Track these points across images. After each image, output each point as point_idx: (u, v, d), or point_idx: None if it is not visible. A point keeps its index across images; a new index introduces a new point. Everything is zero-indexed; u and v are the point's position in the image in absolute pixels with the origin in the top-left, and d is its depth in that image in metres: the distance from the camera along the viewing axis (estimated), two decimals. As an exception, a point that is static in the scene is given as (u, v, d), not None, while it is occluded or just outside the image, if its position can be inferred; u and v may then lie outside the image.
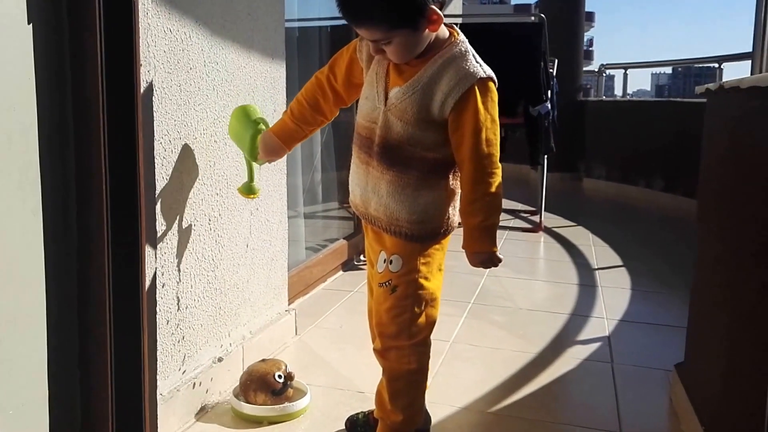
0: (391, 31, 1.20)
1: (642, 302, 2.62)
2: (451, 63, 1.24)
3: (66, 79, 1.15)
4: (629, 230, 4.15)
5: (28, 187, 1.10)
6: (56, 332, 1.17)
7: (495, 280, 2.84)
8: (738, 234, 1.33)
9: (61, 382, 1.20)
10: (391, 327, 1.34)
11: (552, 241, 3.71)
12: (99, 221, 1.18)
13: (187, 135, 1.49)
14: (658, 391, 1.81)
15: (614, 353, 2.06)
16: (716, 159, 1.56)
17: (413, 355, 1.35)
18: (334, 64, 1.41)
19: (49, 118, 1.12)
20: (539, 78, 3.81)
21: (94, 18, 1.13)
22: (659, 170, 5.06)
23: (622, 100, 6.60)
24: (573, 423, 1.63)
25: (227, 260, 1.71)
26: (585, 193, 5.83)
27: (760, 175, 1.20)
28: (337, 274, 2.83)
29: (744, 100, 1.34)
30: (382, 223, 1.33)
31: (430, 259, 1.34)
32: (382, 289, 1.34)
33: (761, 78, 1.24)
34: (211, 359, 1.66)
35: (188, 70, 1.49)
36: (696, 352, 1.65)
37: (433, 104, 1.25)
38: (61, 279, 1.18)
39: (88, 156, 1.16)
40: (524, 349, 2.06)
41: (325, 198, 3.03)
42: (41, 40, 1.09)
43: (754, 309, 1.19)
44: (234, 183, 1.68)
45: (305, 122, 1.45)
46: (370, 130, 1.32)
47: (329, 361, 1.94)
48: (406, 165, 1.28)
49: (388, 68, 1.30)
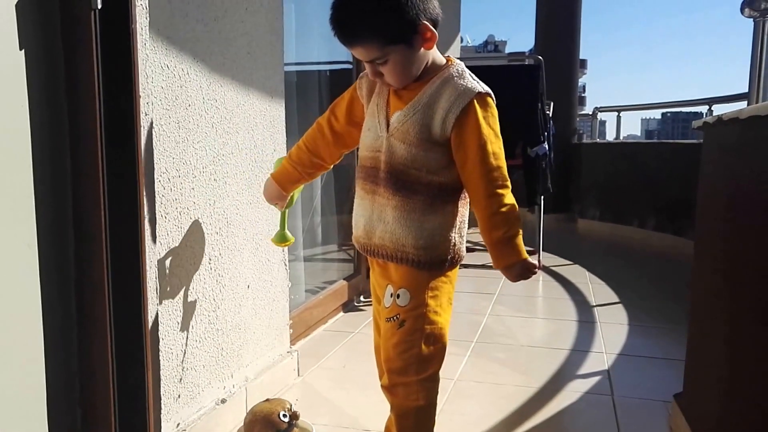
0: (386, 47, 1.22)
1: (640, 337, 2.63)
2: (449, 81, 1.27)
3: (62, 106, 1.14)
4: (624, 268, 4.20)
5: (23, 220, 1.08)
6: (57, 374, 1.16)
7: (497, 318, 2.86)
8: (734, 264, 1.33)
9: (63, 423, 1.18)
10: (398, 362, 1.31)
11: (550, 280, 3.73)
12: (98, 256, 1.17)
13: (186, 173, 1.50)
14: (659, 422, 1.81)
15: (614, 386, 2.07)
16: (713, 190, 1.57)
17: (421, 392, 1.32)
18: (335, 107, 1.45)
19: (44, 147, 1.11)
20: (537, 119, 3.87)
21: (90, 43, 1.12)
22: (651, 210, 5.15)
23: (615, 142, 6.73)
24: (577, 454, 1.64)
25: (228, 300, 1.72)
26: (580, 233, 5.90)
27: (758, 204, 1.20)
28: (337, 316, 2.84)
29: (743, 130, 1.33)
30: (388, 251, 1.32)
31: (438, 293, 1.32)
32: (390, 324, 1.32)
33: (760, 108, 1.23)
34: (214, 401, 1.66)
35: (187, 107, 1.49)
36: (694, 381, 1.66)
37: (434, 123, 1.26)
38: (61, 314, 1.17)
39: (86, 190, 1.16)
40: (527, 384, 2.06)
41: (324, 240, 3.05)
42: (34, 67, 1.08)
43: (751, 338, 1.19)
44: (234, 222, 1.71)
45: (302, 165, 1.48)
46: (375, 159, 1.32)
47: (333, 401, 1.94)
48: (412, 190, 1.28)
49: (388, 98, 1.33)
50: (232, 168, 1.71)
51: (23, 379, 1.11)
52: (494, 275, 3.71)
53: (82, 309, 1.21)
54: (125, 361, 1.23)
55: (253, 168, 1.82)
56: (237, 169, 1.73)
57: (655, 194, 5.04)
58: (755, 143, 1.25)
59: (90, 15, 1.13)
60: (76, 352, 1.21)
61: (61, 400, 1.17)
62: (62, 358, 1.19)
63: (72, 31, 1.13)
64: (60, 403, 1.17)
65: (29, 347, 1.12)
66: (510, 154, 3.80)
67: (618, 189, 5.64)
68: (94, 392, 1.21)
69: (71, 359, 1.21)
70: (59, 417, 1.17)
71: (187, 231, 1.53)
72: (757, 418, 1.10)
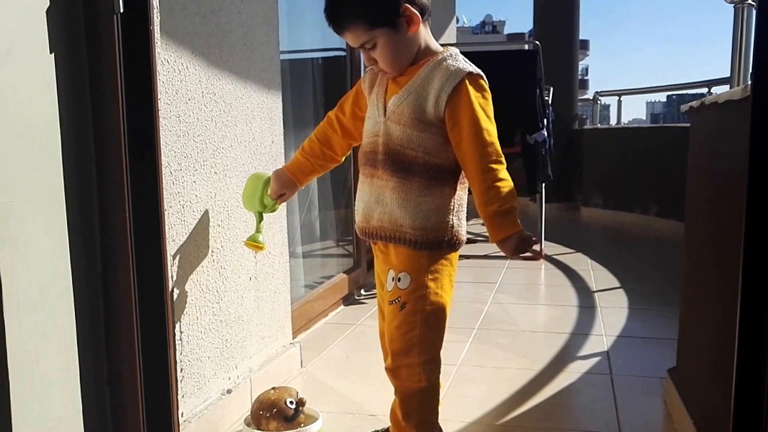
0: (372, 30, 1.28)
1: (638, 319, 2.67)
2: (441, 63, 1.31)
3: (87, 105, 1.20)
4: (626, 254, 4.22)
5: (54, 212, 1.14)
6: (86, 349, 1.22)
7: (498, 306, 2.89)
8: (719, 242, 1.37)
9: (92, 397, 1.25)
10: (400, 343, 1.35)
11: (552, 268, 3.76)
12: (123, 240, 1.24)
13: (187, 167, 1.53)
14: (654, 396, 1.86)
15: (613, 365, 2.11)
16: (700, 174, 1.61)
17: (424, 374, 1.35)
18: (342, 102, 1.51)
19: (71, 144, 1.17)
20: (535, 105, 3.84)
21: (113, 45, 1.18)
22: (653, 196, 5.15)
23: (617, 128, 6.71)
24: (577, 429, 1.68)
25: (231, 292, 1.75)
26: (583, 221, 5.91)
27: (737, 185, 1.22)
28: (338, 309, 2.87)
29: (721, 114, 1.39)
30: (386, 232, 1.35)
31: (438, 275, 1.35)
32: (392, 306, 1.36)
33: (734, 92, 1.28)
34: (220, 391, 1.69)
35: (187, 100, 1.52)
36: (686, 356, 1.70)
37: (427, 103, 1.30)
38: (90, 298, 1.24)
39: (111, 185, 1.22)
40: (528, 367, 2.10)
41: (323, 235, 3.07)
42: (62, 69, 1.14)
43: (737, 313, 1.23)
44: (234, 215, 1.74)
45: (314, 156, 1.53)
46: (374, 143, 1.37)
47: (337, 389, 1.97)
48: (410, 171, 1.32)
49: (387, 87, 1.38)
50: (232, 160, 1.74)
51: (61, 351, 1.18)
52: (495, 265, 3.74)
53: (108, 294, 1.28)
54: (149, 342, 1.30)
55: (252, 160, 1.85)
56: (236, 161, 1.77)
57: (657, 179, 5.03)
58: (731, 126, 1.30)
59: (113, 18, 1.19)
60: (103, 331, 1.28)
61: (92, 377, 1.25)
62: (91, 336, 1.25)
63: (96, 34, 1.19)
64: (91, 378, 1.24)
65: (65, 329, 1.20)
66: (509, 141, 3.85)
67: (620, 175, 5.62)
68: (121, 372, 1.28)
69: (99, 336, 1.28)
70: (91, 391, 1.24)
71: (191, 224, 1.56)
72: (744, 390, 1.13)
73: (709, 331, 1.45)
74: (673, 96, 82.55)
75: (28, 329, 1.09)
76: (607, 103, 7.29)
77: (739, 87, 1.22)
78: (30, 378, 1.09)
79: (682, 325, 1.75)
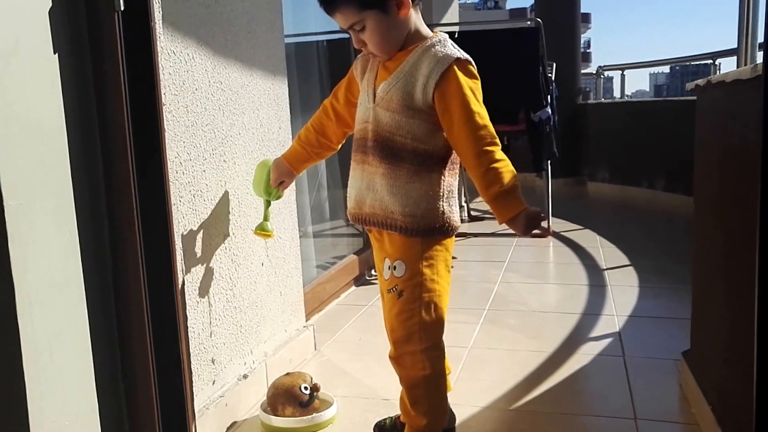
0: (362, 12, 1.28)
1: (650, 298, 2.66)
2: (430, 49, 1.31)
3: (91, 104, 1.21)
4: (634, 230, 4.20)
5: (64, 211, 1.15)
6: (100, 346, 1.23)
7: (508, 286, 2.89)
8: (731, 222, 1.37)
9: (107, 393, 1.26)
10: (401, 331, 1.36)
11: (561, 245, 3.75)
12: (132, 237, 1.24)
13: (196, 156, 1.53)
14: (669, 379, 1.86)
15: (625, 347, 2.11)
16: (708, 153, 1.61)
17: (426, 360, 1.36)
18: (336, 90, 1.51)
19: (78, 142, 1.17)
20: (539, 83, 3.81)
21: (114, 43, 1.18)
22: (660, 170, 5.12)
23: (621, 102, 6.65)
24: (591, 413, 1.68)
25: (244, 278, 1.76)
26: (590, 196, 5.88)
27: (748, 164, 1.24)
28: (350, 290, 2.88)
29: (730, 93, 1.38)
30: (378, 218, 1.37)
31: (433, 261, 1.36)
32: (390, 295, 1.37)
33: (742, 71, 1.27)
34: (236, 377, 1.71)
35: (194, 91, 1.52)
36: (700, 338, 1.70)
37: (416, 89, 1.30)
38: (101, 295, 1.24)
39: (118, 182, 1.22)
40: (540, 349, 2.10)
41: (332, 215, 3.08)
42: (66, 68, 1.14)
43: (750, 293, 1.23)
44: (245, 202, 1.75)
45: (310, 144, 1.54)
46: (364, 130, 1.37)
47: (351, 373, 1.99)
48: (399, 157, 1.32)
49: (377, 72, 1.38)
50: (240, 148, 1.74)
51: (74, 349, 1.19)
52: (504, 243, 3.74)
53: (118, 291, 1.29)
54: (161, 337, 1.30)
55: (260, 147, 1.84)
56: (245, 149, 1.76)
57: (663, 153, 4.99)
58: (741, 105, 1.30)
59: (114, 16, 1.18)
60: (116, 327, 1.28)
61: (106, 373, 1.25)
62: (103, 330, 1.26)
63: (98, 33, 1.18)
64: (105, 375, 1.25)
65: (78, 327, 1.20)
66: (513, 119, 3.84)
67: (626, 149, 5.58)
68: (135, 367, 1.29)
69: (111, 330, 1.28)
70: (105, 387, 1.25)
71: (202, 213, 1.57)
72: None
73: (721, 312, 1.45)
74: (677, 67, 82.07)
75: (42, 329, 1.09)
76: (610, 76, 7.20)
77: (748, 66, 1.21)
78: (45, 377, 1.10)
79: (695, 307, 1.75)
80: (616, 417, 1.64)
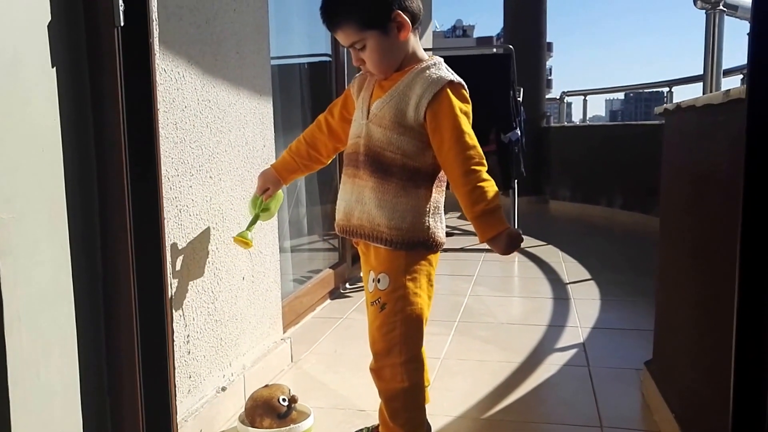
0: (363, 31, 1.34)
1: (611, 310, 2.80)
2: (425, 71, 1.37)
3: (88, 118, 1.21)
4: (594, 246, 4.39)
5: (56, 224, 1.15)
6: (87, 361, 1.23)
7: (477, 299, 2.99)
8: (697, 236, 1.44)
9: (93, 408, 1.26)
10: (381, 344, 1.39)
11: (526, 260, 3.88)
12: (124, 253, 1.25)
13: (184, 172, 1.56)
14: (632, 388, 1.96)
15: (589, 357, 2.21)
16: (675, 172, 1.68)
17: (405, 373, 1.38)
18: (332, 106, 1.57)
19: (74, 156, 1.18)
20: (509, 106, 4.04)
21: (113, 59, 1.20)
22: (617, 189, 5.35)
23: (582, 125, 6.92)
24: (558, 422, 1.76)
25: (225, 292, 1.79)
26: (552, 214, 6.09)
27: (715, 184, 1.31)
28: (325, 303, 2.93)
29: (700, 117, 1.45)
30: (365, 230, 1.40)
31: (416, 275, 1.39)
32: (373, 307, 1.41)
33: (713, 97, 1.34)
34: (215, 389, 1.74)
35: (183, 108, 1.56)
36: (663, 348, 1.78)
37: (408, 108, 1.35)
38: (91, 311, 1.25)
39: (112, 197, 1.24)
40: (508, 360, 2.19)
41: (310, 230, 3.12)
42: (63, 83, 1.15)
43: (713, 306, 1.30)
44: (229, 217, 1.78)
45: (300, 156, 1.59)
46: (356, 144, 1.42)
47: (327, 384, 2.03)
48: (388, 172, 1.36)
49: (373, 90, 1.43)
50: (226, 165, 1.78)
51: (62, 366, 1.19)
52: (472, 258, 3.84)
53: (108, 306, 1.30)
54: (149, 352, 1.31)
55: (245, 164, 1.89)
56: (230, 165, 1.81)
57: (621, 174, 5.23)
58: (711, 129, 1.38)
59: (114, 32, 1.20)
60: (104, 340, 1.29)
61: (92, 387, 1.25)
62: (92, 346, 1.26)
63: (97, 48, 1.20)
64: (91, 389, 1.25)
65: (66, 341, 1.20)
66: (484, 140, 3.99)
67: (586, 170, 5.83)
68: (122, 382, 1.29)
69: (99, 346, 1.29)
70: (90, 402, 1.25)
71: (188, 228, 1.59)
72: (719, 378, 1.22)
73: (687, 324, 1.52)
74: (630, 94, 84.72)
75: (29, 341, 1.08)
76: (569, 101, 7.56)
77: (719, 92, 1.29)
78: (31, 390, 1.09)
79: (659, 318, 1.84)
80: (582, 425, 1.72)
